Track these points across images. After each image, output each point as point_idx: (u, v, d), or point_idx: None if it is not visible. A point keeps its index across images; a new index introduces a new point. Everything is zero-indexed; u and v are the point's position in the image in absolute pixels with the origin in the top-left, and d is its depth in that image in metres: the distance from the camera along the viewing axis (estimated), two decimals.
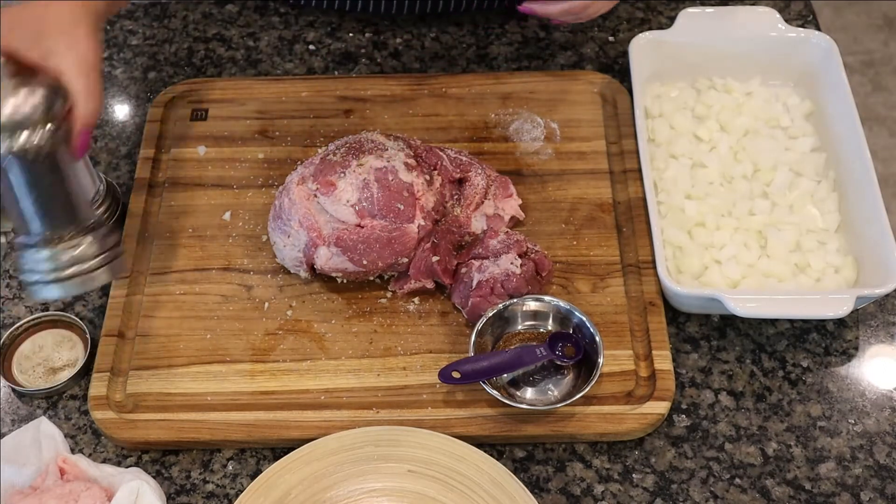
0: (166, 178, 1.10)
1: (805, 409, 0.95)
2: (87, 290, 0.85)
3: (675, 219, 1.02)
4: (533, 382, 0.95)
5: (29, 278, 0.83)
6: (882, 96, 2.38)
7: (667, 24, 1.22)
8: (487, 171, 1.04)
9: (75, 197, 0.84)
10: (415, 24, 1.25)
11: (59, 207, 0.83)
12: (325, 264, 0.98)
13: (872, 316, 1.00)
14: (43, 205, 0.82)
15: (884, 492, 0.89)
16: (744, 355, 0.98)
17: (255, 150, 1.12)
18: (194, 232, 1.06)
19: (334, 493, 0.88)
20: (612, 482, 0.91)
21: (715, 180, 1.06)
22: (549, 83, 1.16)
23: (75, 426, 0.95)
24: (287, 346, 0.97)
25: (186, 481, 0.92)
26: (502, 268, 0.97)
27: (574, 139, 1.12)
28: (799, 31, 1.13)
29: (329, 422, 0.92)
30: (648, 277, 1.00)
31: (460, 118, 1.14)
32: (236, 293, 1.01)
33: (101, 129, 1.17)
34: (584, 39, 1.24)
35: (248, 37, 1.25)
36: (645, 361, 0.95)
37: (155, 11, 1.28)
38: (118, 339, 0.98)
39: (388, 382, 0.95)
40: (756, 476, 0.91)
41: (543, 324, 0.97)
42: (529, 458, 0.92)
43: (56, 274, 0.82)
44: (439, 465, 0.88)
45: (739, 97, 1.13)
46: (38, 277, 0.82)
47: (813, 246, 1.00)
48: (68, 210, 0.83)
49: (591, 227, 1.05)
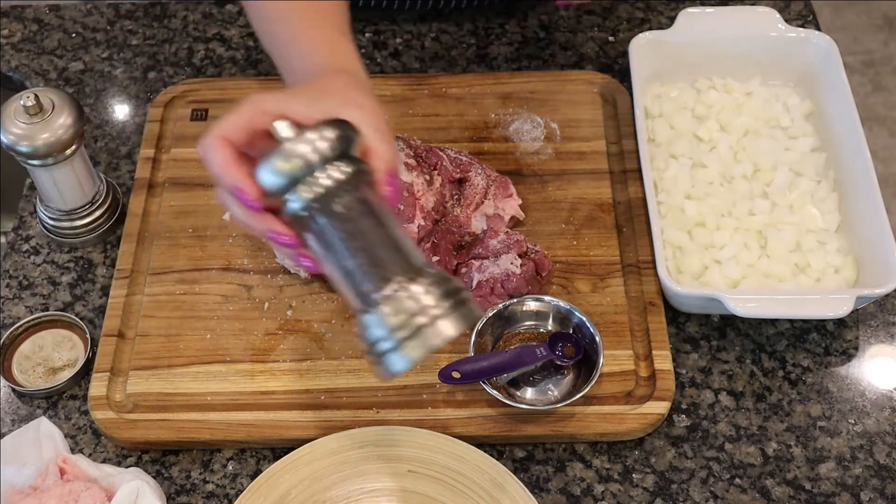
0: (166, 178, 1.10)
1: (805, 409, 0.95)
2: (437, 345, 0.69)
3: (675, 219, 1.02)
4: (533, 382, 0.95)
5: (381, 347, 0.69)
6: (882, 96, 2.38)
7: (667, 24, 1.22)
8: (487, 171, 1.04)
9: (402, 242, 0.72)
10: (415, 24, 1.25)
11: (387, 256, 0.71)
12: None
13: (872, 316, 1.00)
14: (369, 255, 0.71)
15: (884, 492, 0.90)
16: (744, 355, 0.98)
17: None
18: (194, 232, 1.06)
19: (334, 493, 0.88)
20: (612, 482, 0.91)
21: (715, 180, 1.06)
22: (549, 83, 1.16)
23: (75, 426, 0.95)
24: (287, 346, 0.97)
25: (186, 481, 0.92)
26: (502, 268, 0.97)
27: (574, 139, 1.12)
28: (799, 31, 1.13)
29: (329, 422, 0.92)
30: (648, 277, 1.00)
31: (460, 118, 1.14)
32: (236, 293, 1.01)
33: (101, 129, 1.17)
34: (584, 39, 1.24)
35: (248, 37, 1.25)
36: (645, 361, 0.95)
37: (155, 11, 1.28)
38: (118, 339, 0.98)
39: (389, 382, 0.95)
40: (756, 476, 0.91)
41: (543, 324, 0.97)
42: (529, 458, 0.92)
43: (403, 332, 0.68)
44: (439, 465, 0.88)
45: (739, 97, 1.12)
46: (388, 345, 0.69)
47: (813, 246, 1.00)
48: (397, 257, 0.71)
49: (591, 227, 1.05)
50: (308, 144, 0.70)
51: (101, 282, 1.04)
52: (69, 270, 1.05)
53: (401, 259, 0.71)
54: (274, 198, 0.72)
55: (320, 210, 0.71)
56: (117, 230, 1.08)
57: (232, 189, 0.73)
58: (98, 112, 1.19)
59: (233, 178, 0.72)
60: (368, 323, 0.70)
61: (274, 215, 0.73)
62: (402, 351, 0.68)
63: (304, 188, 0.71)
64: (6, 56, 1.24)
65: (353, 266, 0.71)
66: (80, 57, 1.24)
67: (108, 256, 1.06)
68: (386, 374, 0.70)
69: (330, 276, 0.73)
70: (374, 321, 0.69)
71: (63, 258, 1.06)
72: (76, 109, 0.99)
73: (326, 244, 0.71)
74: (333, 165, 0.71)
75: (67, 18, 1.28)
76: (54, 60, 1.23)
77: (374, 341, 0.69)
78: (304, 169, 0.70)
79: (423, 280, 0.70)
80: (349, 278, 0.71)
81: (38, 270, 1.05)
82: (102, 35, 1.26)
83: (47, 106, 0.98)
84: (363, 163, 0.74)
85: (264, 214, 0.73)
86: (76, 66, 1.23)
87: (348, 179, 0.71)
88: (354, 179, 0.72)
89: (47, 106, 0.98)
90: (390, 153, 0.76)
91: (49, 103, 0.98)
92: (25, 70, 1.23)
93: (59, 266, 1.06)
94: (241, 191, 0.72)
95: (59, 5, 1.29)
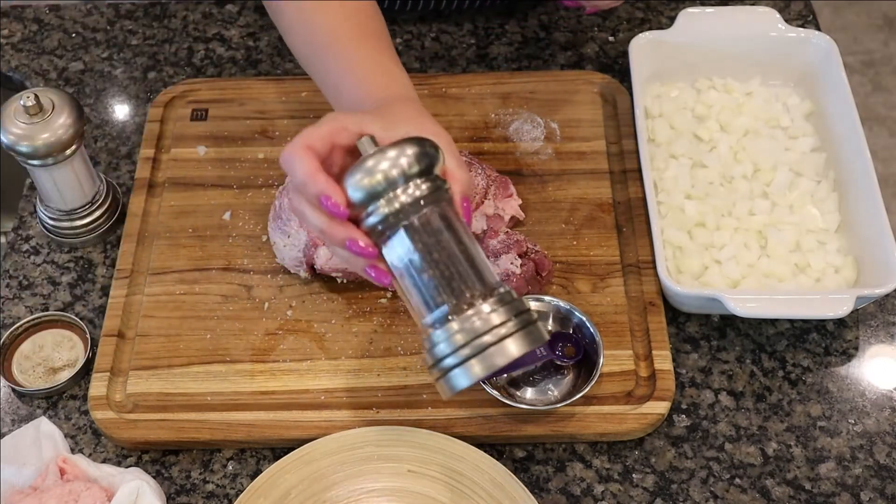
0: (166, 178, 1.10)
1: (805, 409, 0.95)
2: (499, 364, 0.70)
3: (675, 219, 1.02)
4: (533, 382, 0.95)
5: (446, 364, 0.71)
6: (882, 96, 2.38)
7: (667, 24, 1.22)
8: (487, 171, 1.04)
9: (477, 260, 0.74)
10: (415, 24, 1.25)
11: (462, 272, 0.73)
12: (325, 264, 0.98)
13: (872, 316, 1.00)
14: (444, 270, 0.72)
15: (884, 492, 0.90)
16: (744, 355, 0.98)
17: (255, 150, 1.12)
18: (194, 232, 1.06)
19: (334, 493, 0.88)
20: (612, 482, 0.91)
21: (715, 180, 1.06)
22: (549, 83, 1.16)
23: (75, 426, 0.95)
24: (287, 346, 0.97)
25: (186, 481, 0.92)
26: (502, 268, 0.97)
27: (574, 139, 1.12)
28: (799, 31, 1.13)
29: (329, 422, 0.92)
30: (648, 277, 1.00)
31: (460, 118, 1.14)
32: (236, 293, 1.01)
33: (101, 129, 1.17)
34: (584, 39, 1.24)
35: (248, 37, 1.25)
36: (645, 361, 0.95)
37: (155, 11, 1.28)
38: (118, 339, 0.98)
39: (388, 382, 0.95)
40: (756, 476, 0.91)
41: (543, 324, 0.97)
42: (529, 458, 0.92)
43: (468, 350, 0.70)
44: (439, 465, 0.88)
45: (739, 97, 1.13)
46: (452, 361, 0.70)
47: (813, 246, 1.00)
48: (472, 274, 0.73)
49: (591, 227, 1.05)
50: (394, 160, 0.72)
51: (101, 282, 1.04)
52: (69, 270, 1.05)
53: (474, 276, 0.73)
54: (355, 209, 0.74)
55: (400, 222, 0.73)
56: (117, 230, 1.08)
57: (318, 196, 0.73)
58: (98, 112, 1.19)
59: (321, 186, 0.73)
60: (437, 339, 0.72)
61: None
62: (466, 368, 0.70)
63: (386, 202, 0.72)
64: (6, 56, 1.24)
65: (427, 280, 0.73)
66: (80, 57, 1.24)
67: (108, 256, 1.06)
68: (449, 390, 0.71)
69: (401, 291, 0.75)
70: (442, 337, 0.71)
71: (63, 258, 1.06)
72: (76, 109, 0.99)
73: (403, 257, 0.73)
74: (416, 181, 0.72)
75: (67, 18, 1.28)
76: (54, 60, 1.23)
77: (439, 358, 0.71)
78: (389, 183, 0.72)
79: (493, 298, 0.72)
80: (421, 292, 0.73)
81: (38, 270, 1.05)
82: (102, 35, 1.26)
83: (47, 106, 0.98)
84: (444, 181, 0.75)
85: (347, 223, 0.74)
86: (76, 66, 1.23)
87: (429, 195, 0.73)
88: (435, 196, 0.73)
89: (47, 106, 0.98)
90: (467, 179, 0.78)
91: (49, 103, 0.98)
92: (25, 70, 1.23)
93: (59, 266, 1.06)
94: (328, 198, 0.73)
95: (59, 5, 1.29)
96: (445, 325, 0.71)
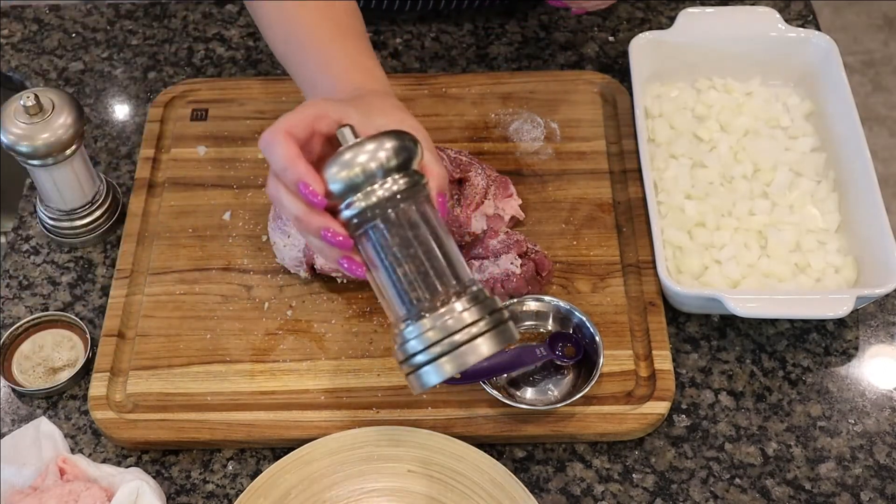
0: (166, 178, 1.10)
1: (805, 409, 0.95)
2: (470, 362, 0.70)
3: (675, 219, 1.02)
4: (533, 382, 0.95)
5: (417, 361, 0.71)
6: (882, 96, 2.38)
7: (667, 24, 1.22)
8: (487, 171, 1.04)
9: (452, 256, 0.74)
10: (415, 24, 1.25)
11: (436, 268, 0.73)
12: (325, 264, 0.98)
13: (872, 316, 1.00)
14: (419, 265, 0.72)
15: (884, 492, 0.90)
16: (744, 355, 0.98)
17: (255, 150, 1.12)
18: (194, 232, 1.06)
19: (334, 493, 0.88)
20: (612, 482, 0.91)
21: (715, 180, 1.06)
22: (549, 83, 1.16)
23: (75, 426, 0.95)
24: (287, 346, 0.97)
25: (186, 481, 0.92)
26: (502, 268, 0.97)
27: (574, 139, 1.12)
28: (799, 31, 1.13)
29: (329, 422, 0.92)
30: (648, 277, 1.00)
31: (460, 118, 1.14)
32: (236, 293, 1.01)
33: (101, 129, 1.17)
34: (584, 39, 1.24)
35: (249, 37, 1.25)
36: (645, 361, 0.95)
37: (155, 11, 1.28)
38: (118, 339, 0.98)
39: (388, 382, 0.95)
40: (756, 476, 0.91)
41: (543, 324, 0.97)
42: (529, 458, 0.92)
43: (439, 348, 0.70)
44: (439, 465, 0.88)
45: (739, 97, 1.13)
46: (423, 358, 0.71)
47: (813, 246, 1.00)
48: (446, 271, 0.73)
49: (591, 227, 1.05)
50: (372, 153, 0.71)
51: (101, 282, 1.04)
52: (69, 270, 1.05)
53: (449, 272, 0.73)
54: (332, 200, 0.73)
55: (378, 216, 0.72)
56: (117, 230, 1.08)
57: (296, 182, 0.72)
58: (98, 112, 1.19)
59: (299, 172, 0.72)
60: (408, 335, 0.72)
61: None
62: (437, 366, 0.70)
63: (364, 194, 0.72)
64: (6, 56, 1.24)
65: (401, 274, 0.72)
66: (80, 57, 1.24)
67: (108, 256, 1.06)
68: (419, 386, 0.72)
69: (375, 284, 0.75)
70: (414, 334, 0.71)
71: (63, 258, 1.06)
72: (76, 109, 0.99)
73: (378, 250, 0.73)
74: (394, 175, 0.72)
75: (67, 18, 1.28)
76: (54, 60, 1.23)
77: (410, 354, 0.71)
78: (367, 176, 0.71)
79: (466, 296, 0.72)
80: (395, 287, 0.73)
81: (38, 270, 1.05)
82: (102, 35, 1.26)
83: (47, 106, 0.98)
84: (421, 176, 0.75)
85: (324, 213, 0.74)
86: (76, 66, 1.23)
87: (408, 190, 0.73)
88: (413, 191, 0.73)
89: (47, 106, 0.98)
90: (443, 174, 0.77)
91: (49, 103, 0.98)
92: (25, 70, 1.23)
93: (59, 266, 1.06)
94: (306, 185, 0.72)
95: (59, 5, 1.29)
96: (418, 321, 0.71)
